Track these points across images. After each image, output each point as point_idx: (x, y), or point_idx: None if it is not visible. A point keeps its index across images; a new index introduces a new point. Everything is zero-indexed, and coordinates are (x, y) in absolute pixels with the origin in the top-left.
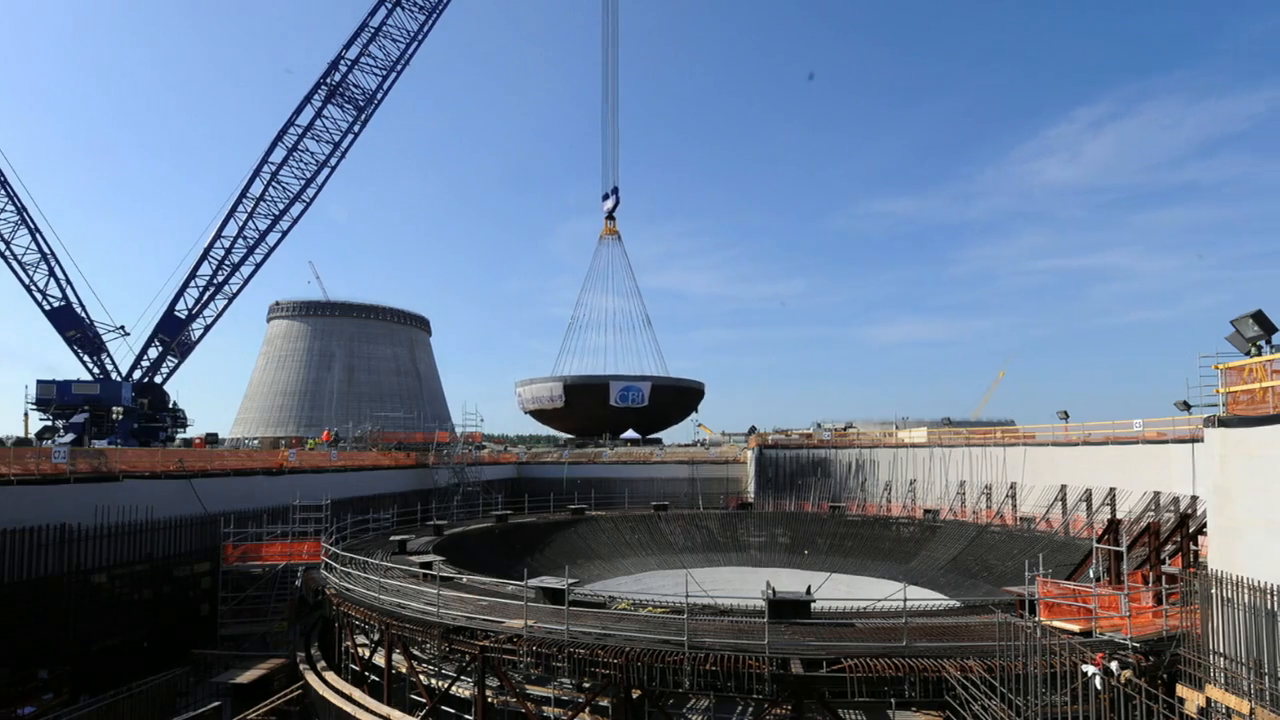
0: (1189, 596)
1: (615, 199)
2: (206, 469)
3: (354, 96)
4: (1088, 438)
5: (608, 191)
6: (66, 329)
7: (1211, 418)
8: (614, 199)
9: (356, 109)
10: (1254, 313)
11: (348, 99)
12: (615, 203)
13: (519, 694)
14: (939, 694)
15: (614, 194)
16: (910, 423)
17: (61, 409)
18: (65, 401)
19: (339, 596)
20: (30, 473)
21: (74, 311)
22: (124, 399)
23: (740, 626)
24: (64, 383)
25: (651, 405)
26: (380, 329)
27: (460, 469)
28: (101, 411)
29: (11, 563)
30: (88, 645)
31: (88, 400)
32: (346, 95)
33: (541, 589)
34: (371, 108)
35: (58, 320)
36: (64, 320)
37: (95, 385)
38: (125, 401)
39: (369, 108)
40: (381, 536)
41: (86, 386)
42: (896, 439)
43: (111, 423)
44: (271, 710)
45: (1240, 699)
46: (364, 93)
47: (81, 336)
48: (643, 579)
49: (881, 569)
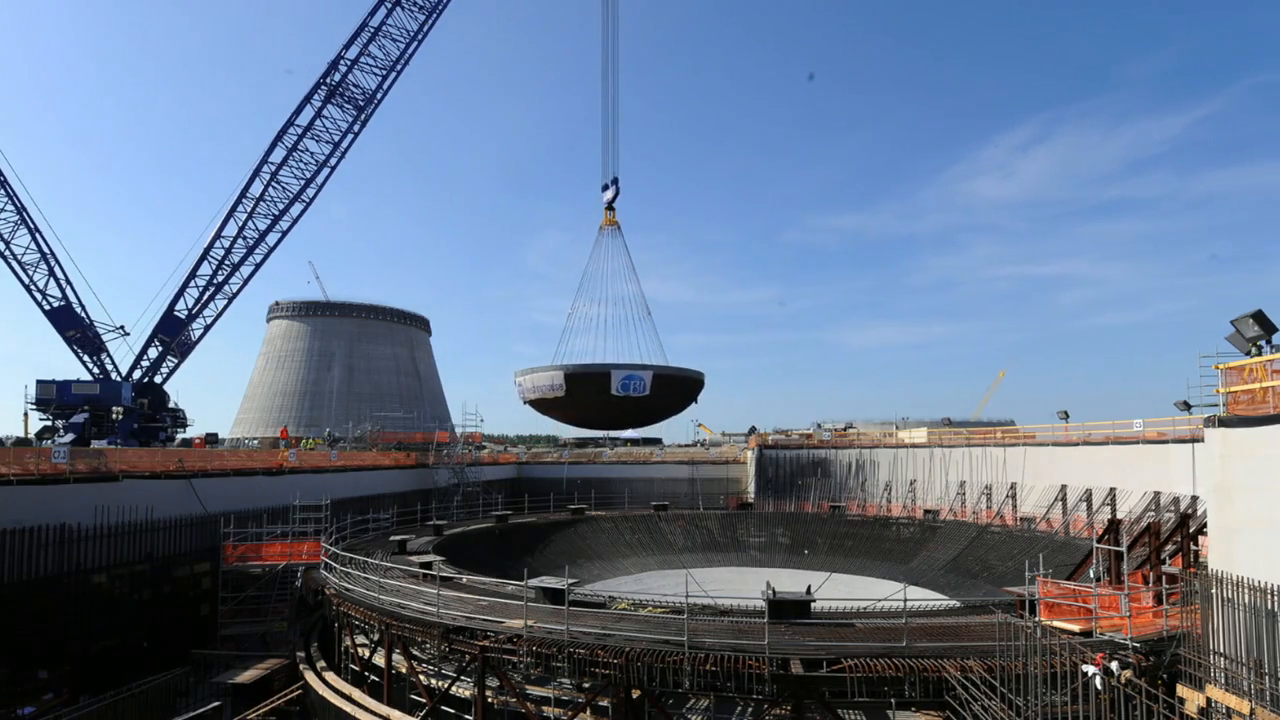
0: (1189, 596)
1: (615, 189)
2: (206, 469)
3: (354, 96)
4: (1088, 438)
5: (607, 182)
6: (66, 329)
7: (1212, 418)
8: (614, 189)
9: (356, 109)
10: (1254, 313)
11: (347, 99)
12: (615, 193)
13: (519, 694)
14: (939, 694)
15: (614, 184)
16: (910, 423)
17: (61, 409)
18: (65, 401)
19: (339, 596)
20: (30, 473)
21: (74, 311)
22: (124, 399)
23: (740, 626)
24: (64, 383)
25: (653, 395)
26: (380, 329)
27: (460, 469)
28: (101, 411)
29: (11, 563)
30: (88, 645)
31: (87, 400)
32: (346, 95)
33: (541, 589)
34: (371, 107)
35: (58, 320)
36: (64, 320)
37: (95, 385)
38: (125, 401)
39: (369, 107)
40: (381, 536)
41: (86, 386)
42: (896, 439)
43: (111, 423)
44: (271, 710)
45: (1240, 699)
46: (364, 92)
47: (81, 337)
48: (643, 579)
49: (882, 569)
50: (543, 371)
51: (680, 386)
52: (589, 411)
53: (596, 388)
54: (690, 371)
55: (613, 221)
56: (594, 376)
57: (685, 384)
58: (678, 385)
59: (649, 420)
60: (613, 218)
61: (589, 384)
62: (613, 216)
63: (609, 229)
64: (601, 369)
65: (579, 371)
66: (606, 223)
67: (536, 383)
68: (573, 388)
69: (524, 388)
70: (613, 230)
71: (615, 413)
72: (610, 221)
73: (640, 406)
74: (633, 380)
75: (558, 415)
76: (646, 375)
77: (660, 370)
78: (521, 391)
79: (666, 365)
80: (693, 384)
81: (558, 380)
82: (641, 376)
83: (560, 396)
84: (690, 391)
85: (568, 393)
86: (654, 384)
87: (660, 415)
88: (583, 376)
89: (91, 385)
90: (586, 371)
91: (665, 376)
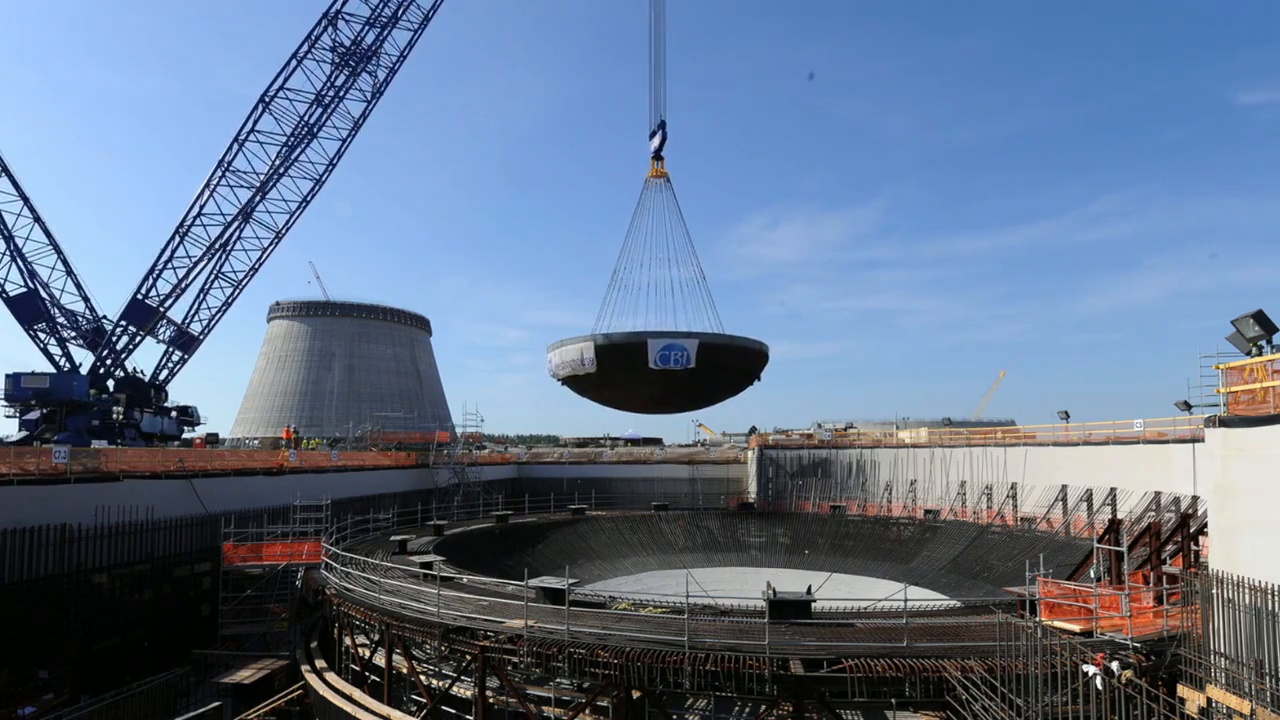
0: (1190, 597)
1: (663, 135)
2: (207, 469)
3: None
4: (1088, 438)
5: (654, 128)
6: (33, 321)
7: (1213, 418)
8: (661, 135)
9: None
10: (1254, 313)
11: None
12: (663, 139)
13: (519, 694)
14: (939, 694)
15: (661, 129)
16: (911, 423)
17: (12, 403)
18: (15, 396)
19: (339, 596)
20: (30, 472)
21: (38, 301)
22: (78, 393)
23: (740, 627)
24: (13, 375)
25: (700, 368)
26: (380, 329)
27: (460, 469)
28: (57, 407)
29: (11, 563)
30: (88, 645)
31: (36, 394)
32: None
33: (542, 589)
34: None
35: (19, 309)
36: (25, 310)
37: (44, 378)
38: (79, 395)
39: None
40: (382, 536)
41: (35, 379)
42: (897, 439)
43: (63, 420)
44: (271, 710)
45: (1241, 699)
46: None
47: (49, 327)
48: (643, 579)
49: (882, 569)
50: (572, 344)
51: (734, 359)
52: (624, 390)
53: (631, 360)
54: (746, 340)
55: (661, 173)
56: (628, 347)
57: (741, 356)
58: (731, 357)
59: (698, 401)
60: (661, 168)
61: (622, 356)
62: (661, 167)
63: (656, 182)
64: (636, 338)
65: (610, 342)
66: (654, 174)
67: (566, 357)
68: (605, 362)
69: (554, 364)
70: (661, 183)
71: (655, 390)
72: (658, 173)
73: (685, 384)
74: (673, 350)
75: (593, 395)
76: (690, 344)
77: (708, 339)
78: (552, 369)
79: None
80: (750, 356)
81: (588, 353)
82: (684, 346)
83: (591, 373)
84: (748, 365)
85: (599, 367)
86: (700, 355)
87: (711, 395)
88: (615, 347)
89: (40, 378)
90: (619, 341)
91: (714, 346)
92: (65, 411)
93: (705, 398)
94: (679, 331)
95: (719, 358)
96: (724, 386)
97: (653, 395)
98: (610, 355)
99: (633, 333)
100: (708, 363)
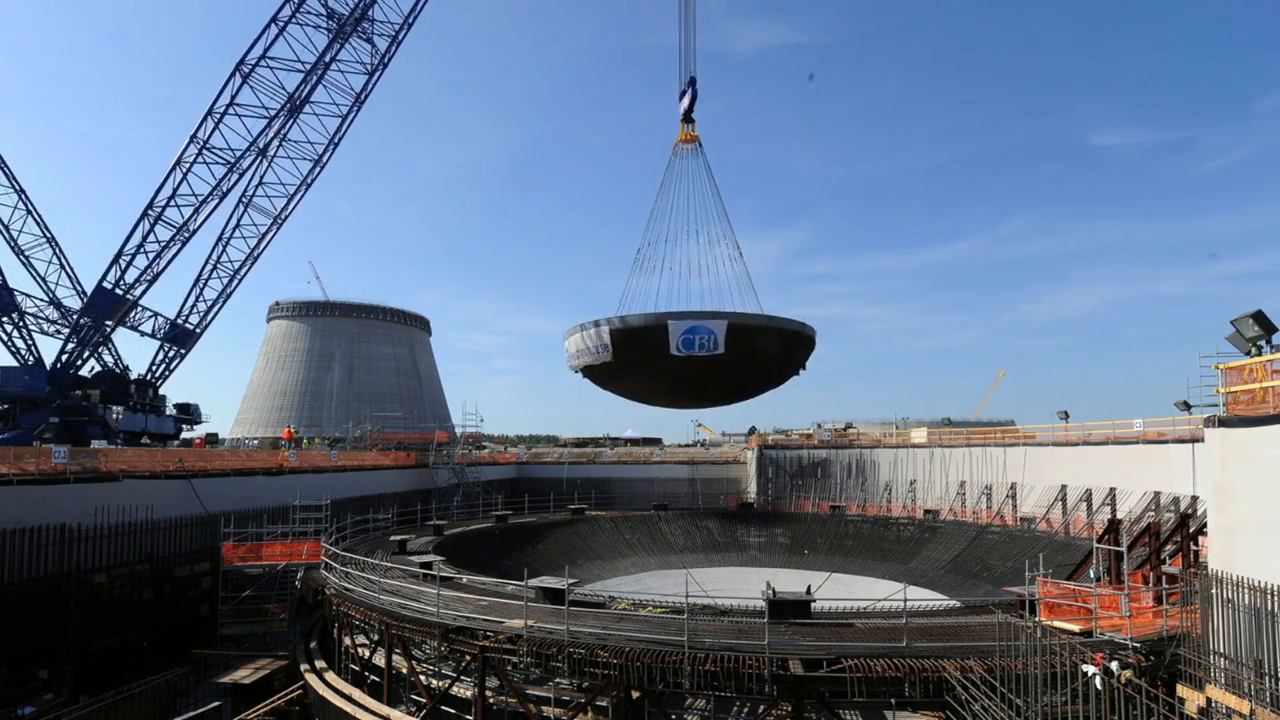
0: (1189, 597)
1: (693, 93)
2: (206, 469)
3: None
4: (1088, 438)
5: (684, 87)
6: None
7: (1212, 418)
8: (691, 93)
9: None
10: (1254, 313)
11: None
12: (693, 97)
13: (519, 694)
14: (939, 694)
15: (691, 86)
16: (910, 423)
17: None
18: None
19: (339, 596)
20: (29, 472)
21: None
22: (32, 388)
23: (740, 627)
24: None
25: (729, 355)
26: (380, 329)
27: (460, 469)
28: (11, 403)
29: (11, 563)
30: (88, 645)
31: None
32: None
33: (541, 589)
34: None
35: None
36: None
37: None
38: (36, 391)
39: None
40: (381, 536)
41: None
42: (897, 439)
43: (14, 418)
44: (271, 710)
45: (1240, 699)
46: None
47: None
48: (643, 579)
49: (881, 569)
50: (589, 329)
51: (772, 343)
52: (645, 379)
53: (651, 346)
54: (786, 321)
55: (692, 137)
56: (647, 331)
57: (781, 339)
58: (768, 341)
59: (733, 394)
60: (691, 132)
61: (641, 341)
62: (691, 131)
63: (685, 147)
64: (656, 320)
65: (627, 325)
66: (683, 139)
67: (582, 344)
68: (621, 349)
69: (570, 353)
70: (691, 149)
71: (678, 380)
72: (688, 137)
73: (714, 372)
74: (698, 334)
75: (614, 388)
76: (718, 326)
77: (739, 319)
78: (569, 358)
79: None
80: (792, 339)
81: (603, 339)
82: (711, 329)
83: (608, 361)
84: (790, 351)
85: (615, 355)
86: (730, 338)
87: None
88: (632, 332)
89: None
90: (636, 325)
91: (745, 328)
92: (19, 408)
93: (739, 389)
94: (704, 312)
95: (753, 342)
96: (761, 375)
97: (676, 386)
98: (627, 340)
99: (651, 314)
100: (740, 348)
